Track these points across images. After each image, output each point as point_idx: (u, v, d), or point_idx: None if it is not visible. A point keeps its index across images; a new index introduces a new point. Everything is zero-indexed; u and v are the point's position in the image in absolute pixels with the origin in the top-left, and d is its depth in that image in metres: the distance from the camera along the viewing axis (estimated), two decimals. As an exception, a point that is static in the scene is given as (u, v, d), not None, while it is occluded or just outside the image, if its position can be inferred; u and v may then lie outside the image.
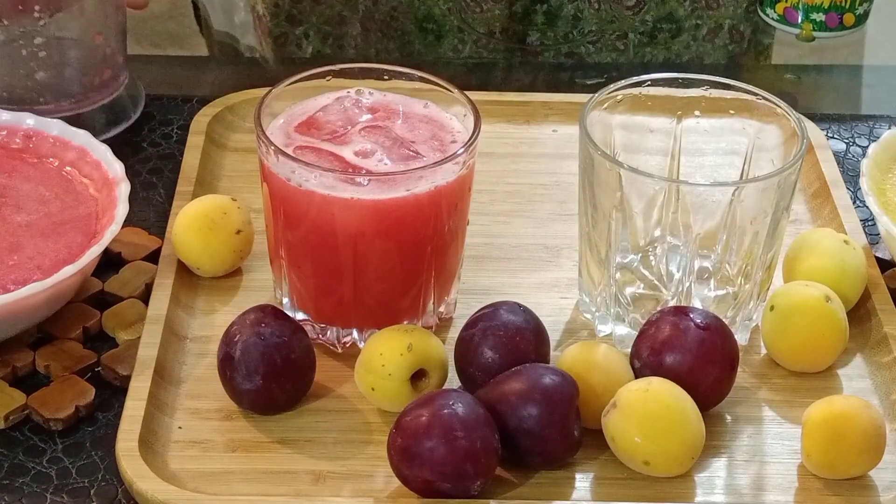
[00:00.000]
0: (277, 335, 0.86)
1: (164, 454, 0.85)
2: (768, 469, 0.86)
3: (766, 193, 0.88)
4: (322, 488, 0.83)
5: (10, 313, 0.87)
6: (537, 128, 1.13)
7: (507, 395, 0.83)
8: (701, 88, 0.95)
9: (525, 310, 0.88)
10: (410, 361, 0.86)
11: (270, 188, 0.90)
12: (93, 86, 1.09)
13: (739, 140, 0.95)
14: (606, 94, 0.94)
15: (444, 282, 0.93)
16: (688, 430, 0.83)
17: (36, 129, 1.00)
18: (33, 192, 0.97)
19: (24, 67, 1.06)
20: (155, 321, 0.92)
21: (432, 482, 0.80)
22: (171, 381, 0.89)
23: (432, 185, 0.87)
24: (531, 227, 1.03)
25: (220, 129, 1.10)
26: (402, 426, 0.81)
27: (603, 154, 0.89)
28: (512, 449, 0.83)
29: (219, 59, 1.30)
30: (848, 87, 1.29)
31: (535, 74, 1.26)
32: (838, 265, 0.94)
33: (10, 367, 0.90)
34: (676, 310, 0.88)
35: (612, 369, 0.86)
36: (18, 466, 0.85)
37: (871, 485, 0.85)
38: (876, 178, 1.00)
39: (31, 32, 1.05)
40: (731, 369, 0.87)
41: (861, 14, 1.30)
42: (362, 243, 0.88)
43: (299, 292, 0.92)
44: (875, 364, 0.93)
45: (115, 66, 1.10)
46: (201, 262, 0.96)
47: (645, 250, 0.93)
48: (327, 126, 0.91)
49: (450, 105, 0.93)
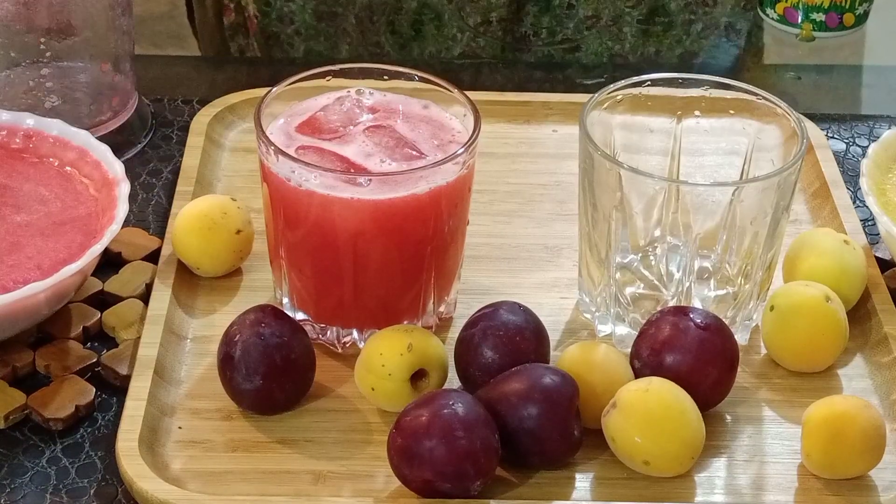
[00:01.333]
0: (277, 335, 0.86)
1: (164, 454, 0.85)
2: (768, 469, 0.86)
3: (766, 193, 0.88)
4: (322, 488, 0.83)
5: (9, 313, 0.87)
6: (537, 128, 1.13)
7: (507, 395, 0.83)
8: (701, 88, 0.95)
9: (525, 310, 0.88)
10: (410, 361, 0.86)
11: (270, 188, 0.90)
12: (101, 112, 1.09)
13: (739, 140, 0.95)
14: (606, 94, 0.94)
15: (445, 282, 0.93)
16: (688, 430, 0.83)
17: (36, 129, 1.00)
18: (33, 192, 0.97)
19: (32, 97, 1.06)
20: (155, 321, 0.92)
21: (432, 482, 0.80)
22: (171, 381, 0.89)
23: (432, 186, 0.87)
24: (531, 227, 1.03)
25: (220, 129, 1.10)
26: (402, 426, 0.81)
27: (603, 154, 0.89)
28: (512, 449, 0.83)
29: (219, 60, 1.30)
30: (848, 87, 1.29)
31: (532, 71, 1.26)
32: (838, 265, 0.94)
33: (10, 367, 0.90)
34: (676, 310, 0.88)
35: (612, 369, 0.86)
36: (18, 466, 0.85)
37: (871, 485, 0.85)
38: (876, 178, 1.00)
39: (39, 62, 1.06)
40: (731, 369, 0.87)
41: (861, 14, 1.30)
42: (362, 243, 0.88)
43: (299, 292, 0.92)
44: (875, 364, 0.93)
45: (123, 93, 1.11)
46: (201, 262, 0.96)
47: (645, 250, 0.93)
48: (328, 126, 0.91)
49: (450, 105, 0.93)
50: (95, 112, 1.09)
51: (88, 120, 1.08)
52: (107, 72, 1.10)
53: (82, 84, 1.09)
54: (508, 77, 1.25)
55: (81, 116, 1.08)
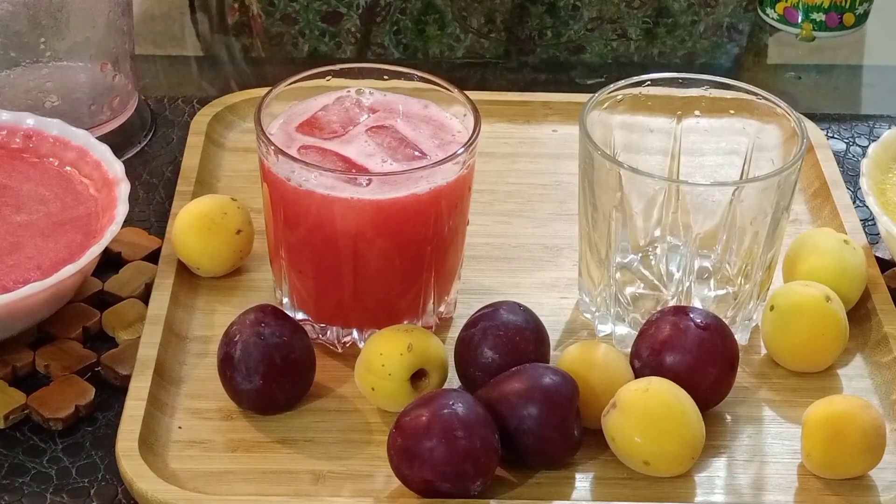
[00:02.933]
0: (277, 335, 0.86)
1: (164, 454, 0.85)
2: (768, 469, 0.86)
3: (766, 193, 0.88)
4: (322, 488, 0.83)
5: (9, 313, 0.87)
6: (537, 128, 1.13)
7: (507, 394, 0.83)
8: (701, 88, 0.95)
9: (525, 310, 0.88)
10: (410, 361, 0.86)
11: (270, 188, 0.90)
12: (101, 112, 1.09)
13: (739, 140, 0.95)
14: (606, 93, 0.94)
15: (445, 282, 0.93)
16: (688, 429, 0.83)
17: (36, 129, 1.00)
18: (33, 192, 0.97)
19: (32, 97, 1.06)
20: (155, 321, 0.92)
21: (432, 482, 0.80)
22: (171, 381, 0.89)
23: (432, 186, 0.87)
24: (531, 227, 1.03)
25: (220, 128, 1.10)
26: (402, 426, 0.81)
27: (603, 154, 0.89)
28: (512, 449, 0.83)
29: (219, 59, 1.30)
30: (848, 87, 1.29)
31: (533, 72, 1.26)
32: (838, 265, 0.94)
33: (10, 367, 0.90)
34: (676, 310, 0.88)
35: (612, 369, 0.86)
36: (18, 466, 0.85)
37: (871, 485, 0.85)
38: (876, 178, 1.00)
39: (39, 62, 1.06)
40: (731, 369, 0.87)
41: (861, 14, 1.30)
42: (362, 243, 0.88)
43: (299, 292, 0.92)
44: (875, 364, 0.93)
45: (123, 93, 1.10)
46: (201, 262, 0.96)
47: (645, 250, 0.93)
48: (329, 126, 0.91)
49: (450, 105, 0.93)
50: (95, 112, 1.09)
51: (88, 120, 1.08)
52: (107, 72, 1.10)
53: (82, 84, 1.09)
54: (512, 80, 1.25)
55: (81, 116, 1.08)
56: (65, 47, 1.07)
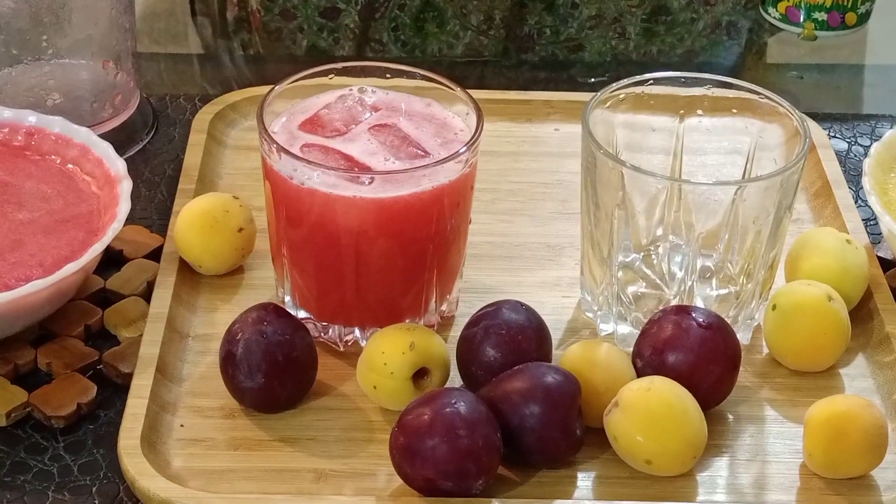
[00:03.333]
0: (279, 333, 0.86)
1: (166, 452, 0.85)
2: (770, 468, 0.86)
3: (768, 193, 0.88)
4: (324, 487, 0.83)
5: (11, 310, 0.87)
6: (539, 126, 1.13)
7: (509, 393, 0.83)
8: (703, 87, 0.95)
9: (527, 308, 0.88)
10: (412, 360, 0.86)
11: (272, 186, 0.90)
12: (103, 110, 1.09)
13: (742, 139, 0.95)
14: (609, 92, 0.94)
15: (447, 280, 0.93)
16: (690, 429, 0.83)
17: (38, 127, 1.00)
18: (35, 190, 0.97)
19: (34, 95, 1.06)
20: (157, 319, 0.92)
21: (434, 481, 0.80)
22: (172, 379, 0.89)
23: (435, 184, 0.87)
24: (533, 226, 1.03)
25: (222, 126, 1.10)
26: (404, 425, 0.81)
27: (605, 153, 0.89)
28: (514, 448, 0.83)
29: (220, 57, 1.30)
30: (850, 87, 1.29)
31: (532, 70, 1.26)
32: (840, 264, 0.94)
33: (12, 365, 0.90)
34: (678, 309, 0.88)
35: (614, 368, 0.86)
36: (20, 464, 0.85)
37: (873, 484, 0.85)
38: (878, 178, 1.00)
39: (41, 60, 1.06)
40: (733, 368, 0.87)
41: (863, 13, 1.30)
42: (364, 242, 0.88)
43: (301, 290, 0.92)
44: (877, 363, 0.93)
45: (125, 91, 1.10)
46: (203, 260, 0.96)
47: (647, 249, 0.93)
48: (332, 124, 0.91)
49: (452, 103, 0.93)
50: (97, 110, 1.09)
51: (90, 117, 1.08)
52: (109, 69, 1.10)
53: (84, 82, 1.09)
54: (512, 78, 1.25)
55: (83, 114, 1.07)
56: (67, 45, 1.07)
